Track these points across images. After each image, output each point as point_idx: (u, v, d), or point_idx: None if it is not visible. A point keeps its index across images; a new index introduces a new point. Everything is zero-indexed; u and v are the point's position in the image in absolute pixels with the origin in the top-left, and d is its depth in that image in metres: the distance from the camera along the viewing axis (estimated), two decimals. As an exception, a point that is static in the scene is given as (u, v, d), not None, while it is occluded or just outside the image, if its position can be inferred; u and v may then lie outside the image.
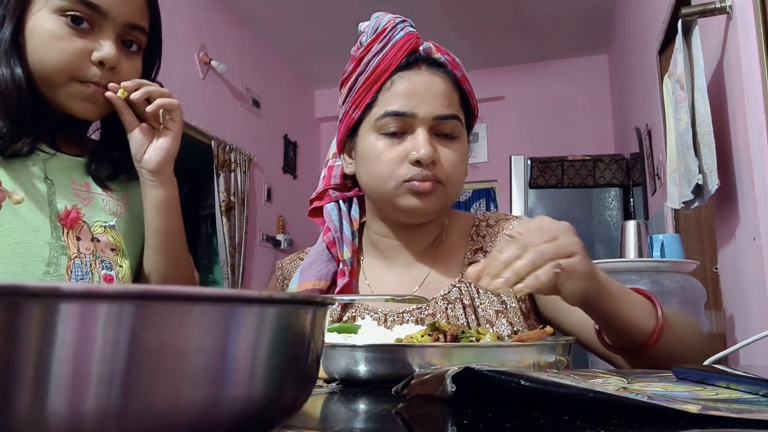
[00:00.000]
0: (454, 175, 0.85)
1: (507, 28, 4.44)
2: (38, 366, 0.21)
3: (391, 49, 0.86)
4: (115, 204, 0.89)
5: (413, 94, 0.84)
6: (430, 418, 0.41)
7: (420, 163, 0.82)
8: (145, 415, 0.23)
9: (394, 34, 0.87)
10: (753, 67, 1.43)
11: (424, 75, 0.86)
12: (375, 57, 0.87)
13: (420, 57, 0.87)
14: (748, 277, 1.54)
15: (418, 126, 0.84)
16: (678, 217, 2.42)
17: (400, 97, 0.84)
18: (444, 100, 0.85)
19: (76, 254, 0.82)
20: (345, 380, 0.56)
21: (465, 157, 0.88)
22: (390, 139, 0.85)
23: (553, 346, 0.60)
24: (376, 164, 0.85)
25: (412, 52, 0.87)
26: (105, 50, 0.79)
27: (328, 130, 5.60)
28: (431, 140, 0.83)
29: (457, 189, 0.87)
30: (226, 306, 0.25)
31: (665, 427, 0.34)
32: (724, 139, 1.64)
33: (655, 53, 2.57)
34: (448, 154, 0.85)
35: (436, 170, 0.83)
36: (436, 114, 0.84)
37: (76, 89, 0.79)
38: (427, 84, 0.85)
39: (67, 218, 0.83)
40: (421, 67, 0.86)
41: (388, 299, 0.73)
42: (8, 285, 0.20)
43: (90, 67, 0.79)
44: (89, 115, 0.83)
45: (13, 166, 0.81)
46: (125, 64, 0.82)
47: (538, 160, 3.89)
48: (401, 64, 0.86)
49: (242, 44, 4.46)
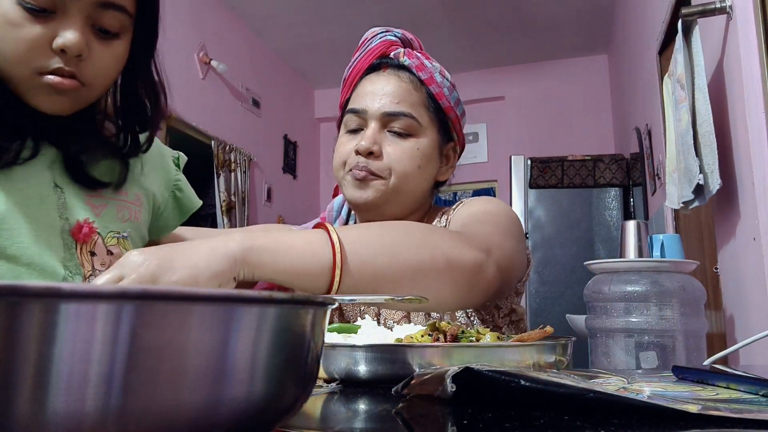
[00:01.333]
0: (398, 168, 0.90)
1: (507, 28, 4.44)
2: (38, 366, 0.21)
3: (364, 54, 0.96)
4: (128, 209, 0.82)
5: (370, 92, 0.93)
6: (430, 418, 0.41)
7: (359, 153, 0.90)
8: (145, 415, 0.22)
9: (372, 42, 0.97)
10: (753, 67, 1.43)
11: (385, 76, 0.94)
12: (353, 63, 0.97)
13: (386, 61, 0.95)
14: (748, 277, 1.54)
15: (370, 121, 0.92)
16: (678, 217, 2.42)
17: (360, 96, 0.94)
18: (395, 98, 0.91)
19: (90, 272, 0.76)
20: (345, 380, 0.56)
21: (417, 152, 0.91)
22: (349, 135, 0.94)
23: (553, 346, 0.60)
24: (335, 157, 0.95)
25: (381, 56, 0.95)
26: (67, 36, 0.67)
27: (328, 130, 5.60)
28: (377, 133, 0.91)
29: (404, 183, 0.91)
30: (226, 306, 0.25)
31: (665, 427, 0.34)
32: (724, 139, 1.64)
33: (655, 53, 2.57)
34: (393, 149, 0.90)
35: (375, 163, 0.90)
36: (384, 110, 0.91)
37: (37, 82, 0.69)
38: (384, 84, 0.93)
39: (79, 233, 0.76)
40: (385, 69, 0.94)
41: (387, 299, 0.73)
42: (8, 285, 0.20)
43: (51, 56, 0.68)
44: (59, 109, 0.72)
45: (15, 176, 0.72)
46: (98, 52, 0.70)
47: (538, 160, 3.89)
48: (370, 67, 0.95)
49: (242, 44, 4.46)
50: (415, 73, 0.93)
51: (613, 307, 0.74)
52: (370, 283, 0.64)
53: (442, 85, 0.94)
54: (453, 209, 0.95)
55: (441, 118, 0.95)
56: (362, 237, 0.66)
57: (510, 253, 0.79)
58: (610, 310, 0.74)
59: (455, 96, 0.97)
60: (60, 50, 0.68)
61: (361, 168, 0.89)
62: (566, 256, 3.70)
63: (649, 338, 0.72)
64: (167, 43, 0.94)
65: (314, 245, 0.63)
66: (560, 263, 3.69)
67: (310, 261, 0.62)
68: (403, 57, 0.94)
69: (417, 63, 0.94)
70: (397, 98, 0.91)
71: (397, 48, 0.96)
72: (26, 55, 0.67)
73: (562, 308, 3.45)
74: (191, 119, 3.75)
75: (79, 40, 0.68)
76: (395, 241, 0.68)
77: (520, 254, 0.84)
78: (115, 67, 0.74)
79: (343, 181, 0.93)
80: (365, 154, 0.89)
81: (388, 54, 0.95)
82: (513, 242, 0.82)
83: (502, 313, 0.91)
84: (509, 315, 0.92)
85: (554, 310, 3.58)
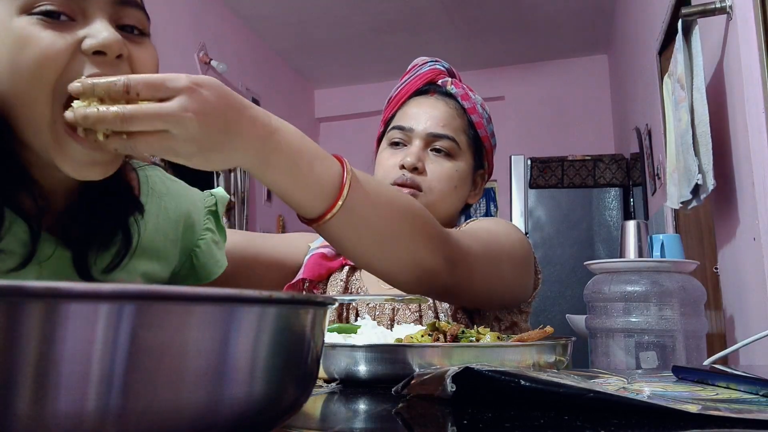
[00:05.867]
0: (437, 187, 0.95)
1: (507, 28, 4.44)
2: (38, 366, 0.21)
3: (414, 78, 1.03)
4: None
5: (417, 113, 0.98)
6: (430, 418, 0.41)
7: (404, 168, 0.94)
8: (145, 415, 0.22)
9: (422, 68, 1.04)
10: (753, 67, 1.43)
11: (433, 100, 1.00)
12: (402, 85, 1.04)
13: (435, 87, 1.01)
14: (748, 277, 1.54)
15: (415, 139, 0.97)
16: (678, 217, 2.42)
17: (407, 115, 0.99)
18: (441, 121, 0.97)
19: None
20: (345, 380, 0.56)
21: (455, 174, 0.97)
22: (392, 149, 0.98)
23: (553, 346, 0.60)
24: (378, 169, 0.99)
25: (429, 82, 1.02)
26: (101, 35, 0.54)
27: (328, 130, 5.60)
28: (421, 151, 0.95)
29: (440, 200, 0.95)
30: (226, 306, 0.25)
31: (665, 427, 0.34)
32: (723, 139, 1.64)
33: (655, 53, 2.56)
34: (434, 167, 0.95)
35: (419, 178, 0.94)
36: (430, 131, 0.96)
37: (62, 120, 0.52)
38: (431, 107, 0.99)
39: None
40: (433, 94, 1.01)
41: (388, 299, 0.74)
42: (8, 285, 0.20)
43: (81, 61, 0.54)
44: (93, 175, 0.57)
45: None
46: (135, 54, 0.58)
47: (538, 160, 3.88)
48: (418, 91, 1.01)
49: (242, 44, 4.46)
50: (460, 101, 1.00)
51: (613, 307, 0.74)
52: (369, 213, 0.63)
53: (482, 116, 1.01)
54: (465, 224, 0.96)
55: (477, 146, 1.01)
56: (372, 180, 0.67)
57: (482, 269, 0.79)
58: (610, 310, 0.74)
59: (491, 129, 1.04)
60: (93, 53, 0.54)
61: (407, 181, 0.93)
62: (566, 256, 3.69)
63: (649, 338, 0.72)
64: (167, 43, 0.94)
65: (330, 162, 0.62)
66: (560, 263, 3.69)
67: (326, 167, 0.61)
68: (450, 85, 1.01)
69: (462, 93, 1.01)
70: (443, 122, 0.97)
71: (445, 77, 1.03)
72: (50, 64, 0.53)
73: (562, 308, 3.45)
74: (191, 119, 3.75)
75: (116, 36, 0.55)
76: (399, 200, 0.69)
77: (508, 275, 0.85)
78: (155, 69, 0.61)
79: None
80: (411, 169, 0.94)
81: (436, 81, 1.02)
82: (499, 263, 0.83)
83: (503, 325, 0.93)
84: (511, 328, 0.93)
85: (554, 310, 3.58)
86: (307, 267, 0.96)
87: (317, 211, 0.61)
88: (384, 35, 4.44)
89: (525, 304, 0.94)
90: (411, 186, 0.93)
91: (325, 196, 0.60)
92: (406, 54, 1.58)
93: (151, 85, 0.50)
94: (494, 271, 0.82)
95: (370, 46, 4.61)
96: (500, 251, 0.84)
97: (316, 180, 0.60)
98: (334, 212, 0.60)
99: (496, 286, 0.84)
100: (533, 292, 0.94)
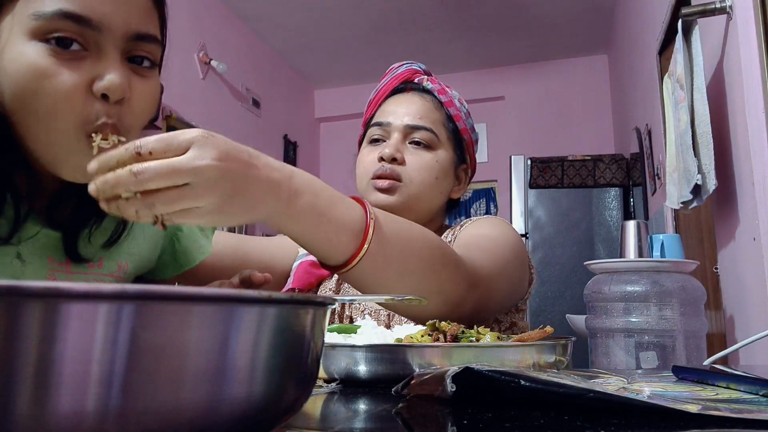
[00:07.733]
0: (416, 177, 0.95)
1: (507, 28, 4.44)
2: (38, 366, 0.21)
3: (390, 79, 1.05)
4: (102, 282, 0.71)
5: (395, 110, 1.00)
6: (430, 418, 0.41)
7: (383, 159, 0.94)
8: (145, 415, 0.23)
9: (399, 69, 1.05)
10: (753, 67, 1.43)
11: (409, 96, 1.01)
12: (379, 87, 1.05)
13: (411, 85, 1.03)
14: (748, 277, 1.54)
15: (393, 132, 0.98)
16: (678, 217, 2.41)
17: (385, 112, 1.00)
18: (418, 114, 0.98)
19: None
20: (345, 380, 0.56)
21: (435, 164, 0.97)
22: (372, 146, 0.99)
23: (553, 346, 0.60)
24: (358, 167, 1.00)
25: (406, 81, 1.04)
26: (108, 78, 0.58)
27: (328, 130, 5.60)
28: (400, 143, 0.96)
29: (421, 191, 0.95)
30: (226, 306, 0.25)
31: (665, 427, 0.34)
32: (723, 139, 1.64)
33: (655, 53, 2.56)
34: (414, 158, 0.96)
35: (399, 168, 0.94)
36: (407, 123, 0.97)
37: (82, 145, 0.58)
38: (408, 102, 1.00)
39: None
40: (410, 91, 1.02)
41: (387, 299, 0.74)
42: (8, 285, 0.20)
43: (92, 103, 0.58)
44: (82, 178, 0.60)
45: None
46: (137, 91, 0.62)
47: (538, 160, 3.88)
48: (395, 89, 1.03)
49: (242, 44, 4.46)
50: (436, 96, 1.01)
51: (613, 307, 0.74)
52: (393, 253, 0.64)
53: (459, 110, 1.02)
54: (459, 227, 0.97)
55: (457, 139, 1.01)
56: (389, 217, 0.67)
57: (498, 284, 0.81)
58: (610, 310, 0.74)
59: (471, 123, 1.04)
60: (101, 95, 0.59)
61: (386, 172, 0.94)
62: (566, 256, 3.69)
63: (649, 338, 0.72)
64: (167, 43, 0.94)
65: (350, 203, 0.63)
66: (560, 263, 3.69)
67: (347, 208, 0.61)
68: (426, 82, 1.03)
69: (438, 88, 1.02)
70: (420, 114, 0.98)
71: (421, 75, 1.05)
72: (67, 106, 0.58)
73: (562, 308, 3.45)
74: (191, 119, 3.75)
75: (122, 81, 0.59)
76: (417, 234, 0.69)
77: (515, 279, 0.87)
78: (152, 107, 0.65)
79: (368, 188, 0.96)
80: (389, 160, 0.94)
81: (413, 80, 1.04)
82: (508, 271, 0.84)
83: (503, 327, 0.93)
84: (510, 328, 0.94)
85: (554, 310, 3.58)
86: (296, 276, 0.96)
87: (343, 255, 0.61)
88: (384, 35, 4.44)
89: (521, 302, 0.95)
90: (390, 177, 0.93)
91: (351, 237, 0.60)
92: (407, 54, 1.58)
93: (162, 141, 0.49)
94: (506, 282, 0.84)
95: (370, 46, 4.61)
96: (505, 260, 0.85)
97: (339, 220, 0.60)
98: (362, 254, 0.60)
99: (508, 294, 0.86)
100: (529, 288, 0.95)
